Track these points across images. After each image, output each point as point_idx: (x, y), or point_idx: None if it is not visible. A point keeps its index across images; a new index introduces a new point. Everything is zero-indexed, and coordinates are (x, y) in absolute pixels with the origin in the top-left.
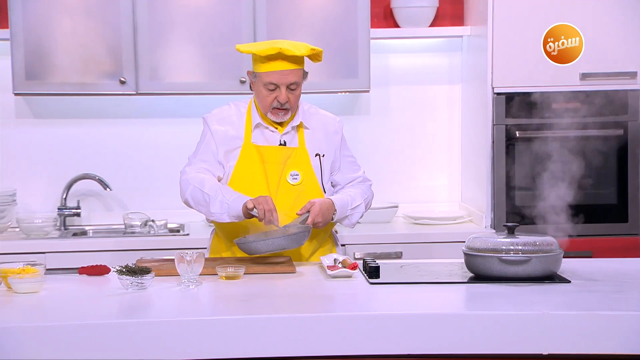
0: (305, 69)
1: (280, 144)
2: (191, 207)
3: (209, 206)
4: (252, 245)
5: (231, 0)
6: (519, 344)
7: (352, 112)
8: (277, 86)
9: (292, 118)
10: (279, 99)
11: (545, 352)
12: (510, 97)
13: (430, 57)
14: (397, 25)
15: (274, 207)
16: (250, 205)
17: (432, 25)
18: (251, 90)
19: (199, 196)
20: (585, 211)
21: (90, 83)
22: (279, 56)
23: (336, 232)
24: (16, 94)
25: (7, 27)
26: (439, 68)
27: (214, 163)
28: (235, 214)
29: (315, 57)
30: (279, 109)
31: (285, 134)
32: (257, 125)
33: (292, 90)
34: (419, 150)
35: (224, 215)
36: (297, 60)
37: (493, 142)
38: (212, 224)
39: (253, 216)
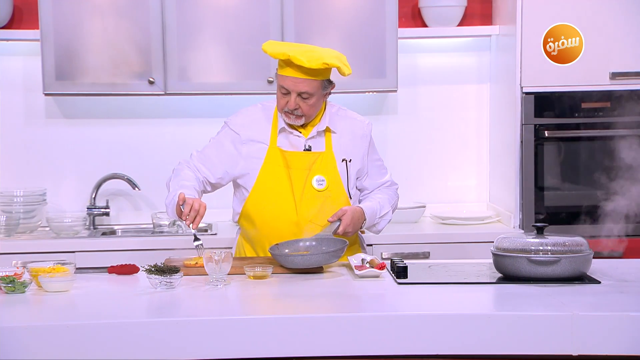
0: (331, 78)
1: (306, 149)
2: None
3: (166, 197)
4: (289, 259)
5: (259, 0)
6: (549, 345)
7: (379, 112)
8: (289, 91)
9: (317, 121)
10: (288, 104)
11: (575, 353)
12: (539, 97)
13: (458, 56)
14: (425, 25)
15: (202, 214)
16: (180, 199)
17: (460, 24)
18: None
19: (168, 187)
20: (614, 211)
21: (119, 83)
22: (290, 63)
23: (362, 232)
24: (46, 94)
25: (37, 28)
26: (467, 67)
27: (212, 167)
28: (172, 211)
29: (339, 71)
30: (289, 113)
31: (311, 138)
32: (282, 130)
33: (303, 98)
34: (446, 150)
35: (168, 208)
36: (312, 71)
37: (522, 142)
38: (238, 224)
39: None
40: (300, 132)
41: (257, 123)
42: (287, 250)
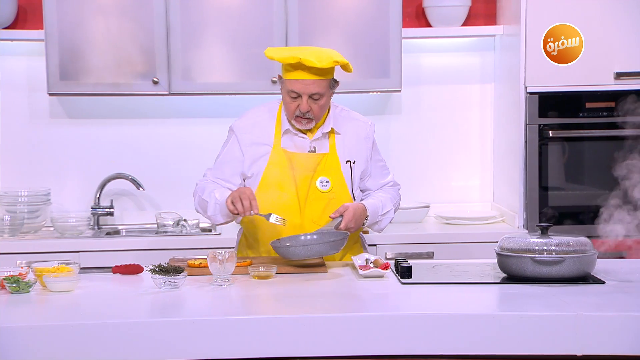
0: (335, 77)
1: (310, 151)
2: (202, 215)
3: (207, 210)
4: (291, 250)
5: (263, 0)
6: (553, 345)
7: (383, 111)
8: (299, 95)
9: (322, 123)
10: (300, 108)
11: (579, 354)
12: (543, 97)
13: (462, 56)
14: (429, 25)
15: (253, 196)
16: (230, 207)
17: (464, 24)
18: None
19: (202, 203)
20: (619, 211)
21: (123, 83)
22: (300, 66)
23: (366, 232)
24: (50, 94)
25: (41, 28)
26: (471, 67)
27: (229, 177)
28: (225, 212)
29: (344, 68)
30: (301, 117)
31: (315, 139)
32: (287, 131)
33: (315, 100)
34: (450, 150)
35: (217, 216)
36: (321, 71)
37: (526, 142)
38: (240, 225)
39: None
40: (305, 134)
41: (261, 125)
42: (288, 244)
